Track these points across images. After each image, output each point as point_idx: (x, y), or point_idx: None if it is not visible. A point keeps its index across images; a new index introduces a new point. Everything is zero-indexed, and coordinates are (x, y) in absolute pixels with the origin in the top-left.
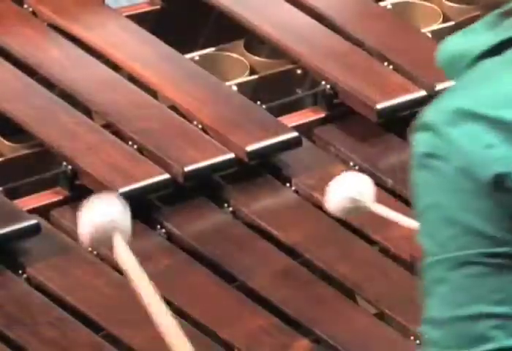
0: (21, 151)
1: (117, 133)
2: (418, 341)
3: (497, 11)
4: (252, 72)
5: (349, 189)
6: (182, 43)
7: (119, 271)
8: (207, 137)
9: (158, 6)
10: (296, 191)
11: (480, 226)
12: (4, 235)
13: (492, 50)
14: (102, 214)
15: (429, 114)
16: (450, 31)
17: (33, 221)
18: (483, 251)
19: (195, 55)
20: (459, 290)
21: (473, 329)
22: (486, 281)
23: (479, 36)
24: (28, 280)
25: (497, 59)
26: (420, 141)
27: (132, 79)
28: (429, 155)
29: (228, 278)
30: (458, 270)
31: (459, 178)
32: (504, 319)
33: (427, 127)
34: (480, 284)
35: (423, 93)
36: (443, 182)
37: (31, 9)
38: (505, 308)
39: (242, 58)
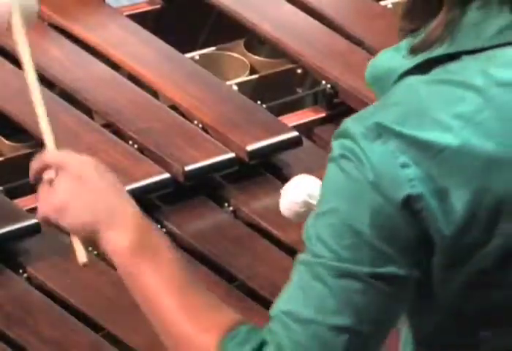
0: (21, 150)
1: (117, 132)
2: None
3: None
4: (253, 72)
5: (300, 193)
6: (182, 42)
7: None
8: (207, 136)
9: (158, 6)
10: None
11: (378, 243)
12: (4, 234)
13: (418, 68)
14: None
15: (350, 125)
16: None
17: (33, 221)
18: (371, 270)
19: (195, 54)
20: (332, 298)
21: (332, 340)
22: (359, 298)
23: (402, 55)
24: (29, 280)
25: (421, 78)
26: (337, 145)
27: (133, 78)
28: (345, 157)
29: (228, 277)
30: (339, 280)
31: (369, 190)
32: (363, 338)
33: (346, 135)
34: (353, 299)
35: None
36: (353, 188)
37: None
38: (368, 328)
39: (242, 58)
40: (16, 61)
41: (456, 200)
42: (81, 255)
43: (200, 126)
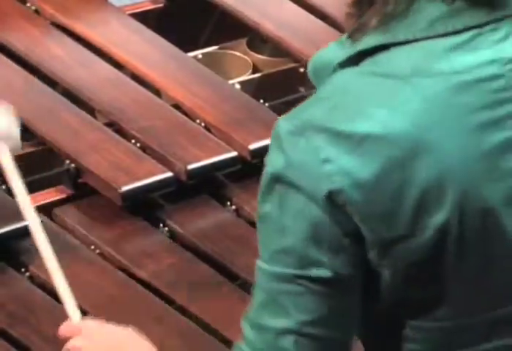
0: (24, 149)
1: (120, 131)
2: None
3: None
4: (255, 71)
5: None
6: (185, 41)
7: (122, 270)
8: (210, 135)
9: (161, 5)
10: None
11: (303, 246)
12: (6, 233)
13: (350, 59)
14: None
15: (280, 124)
16: None
17: None
18: (299, 273)
19: (198, 53)
20: (273, 302)
21: (278, 342)
22: (296, 299)
23: (342, 48)
24: (31, 278)
25: (352, 70)
26: (270, 147)
27: (135, 77)
28: (275, 174)
29: (231, 276)
30: (277, 284)
31: (293, 191)
32: (313, 339)
33: (275, 135)
34: (290, 300)
35: None
36: (279, 192)
37: (34, 8)
38: (315, 329)
39: (245, 57)
40: (19, 60)
41: (379, 192)
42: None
43: (203, 125)
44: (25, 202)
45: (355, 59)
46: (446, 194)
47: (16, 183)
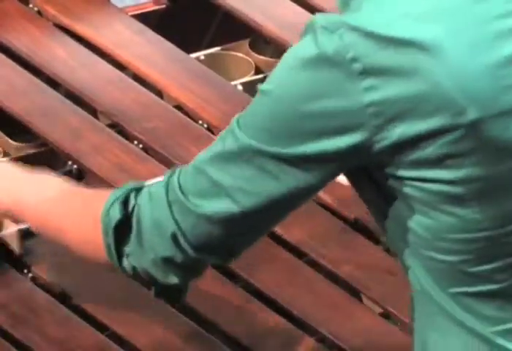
0: (26, 150)
1: (122, 132)
2: None
3: None
4: (258, 72)
5: None
6: (188, 42)
7: None
8: (212, 136)
9: (163, 6)
10: None
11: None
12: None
13: None
14: None
15: (316, 18)
16: None
17: None
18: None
19: (201, 54)
20: (226, 159)
21: (212, 190)
22: (255, 173)
23: None
24: (34, 279)
25: None
26: (301, 42)
27: (137, 78)
28: (304, 59)
29: (233, 277)
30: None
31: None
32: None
33: (309, 29)
34: (250, 172)
35: None
36: (310, 78)
37: (36, 9)
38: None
39: (247, 58)
40: (22, 61)
41: (393, 89)
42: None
43: (205, 126)
44: None
45: None
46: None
47: None
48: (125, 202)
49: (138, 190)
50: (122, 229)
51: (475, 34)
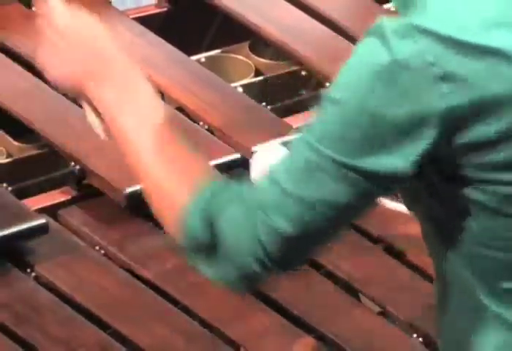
0: (30, 151)
1: None
2: (420, 339)
3: None
4: (257, 74)
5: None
6: (188, 45)
7: (126, 270)
8: (213, 137)
9: (165, 9)
10: None
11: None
12: (12, 234)
13: None
14: None
15: (384, 21)
16: None
17: (41, 221)
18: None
19: (201, 57)
20: (306, 173)
21: (287, 205)
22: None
23: None
24: (37, 279)
25: None
26: (365, 42)
27: None
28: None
29: None
30: (322, 163)
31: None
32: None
33: (376, 31)
34: (326, 182)
35: None
36: (377, 70)
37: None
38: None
39: (247, 60)
40: (25, 63)
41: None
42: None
43: (206, 127)
44: None
45: None
46: None
47: None
48: (203, 212)
49: (217, 198)
50: (207, 250)
51: None
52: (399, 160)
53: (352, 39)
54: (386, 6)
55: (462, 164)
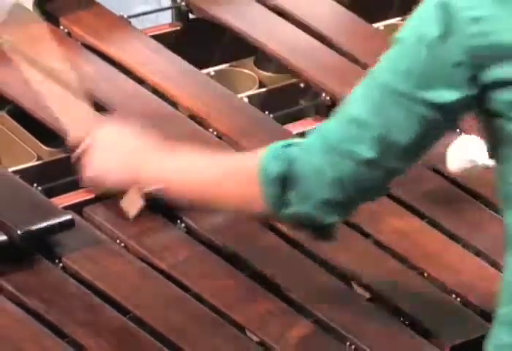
0: (57, 154)
1: None
2: (407, 322)
3: None
4: (261, 86)
5: (467, 152)
6: (199, 60)
7: (143, 261)
8: (221, 142)
9: (178, 28)
10: None
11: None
12: (42, 228)
13: None
14: None
15: None
16: None
17: (68, 217)
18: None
19: (211, 70)
20: (377, 106)
21: (358, 135)
22: (400, 116)
23: None
24: (64, 269)
25: None
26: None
27: (155, 91)
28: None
29: (241, 267)
30: (390, 97)
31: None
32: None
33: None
34: (396, 115)
35: None
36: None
37: (66, 30)
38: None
39: (252, 73)
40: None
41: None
42: (132, 210)
43: (215, 133)
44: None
45: None
46: None
47: None
48: (281, 155)
49: (289, 146)
50: (282, 182)
51: None
52: (456, 92)
53: (346, 55)
54: (375, 25)
55: (496, 99)
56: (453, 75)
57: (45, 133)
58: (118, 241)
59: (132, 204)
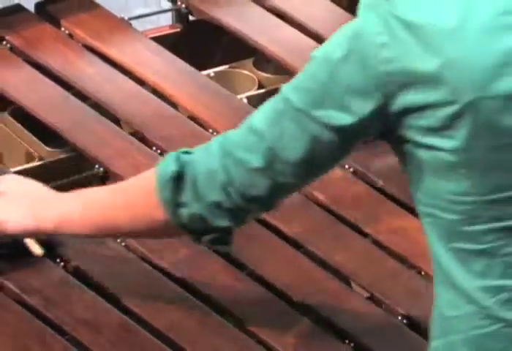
0: (59, 155)
1: (142, 140)
2: (404, 321)
3: None
4: (260, 87)
5: None
6: (199, 61)
7: (144, 260)
8: None
9: (178, 29)
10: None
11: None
12: None
13: None
14: None
15: None
16: None
17: None
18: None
19: (211, 71)
20: (276, 121)
21: (259, 145)
22: (296, 134)
23: None
24: (65, 268)
25: None
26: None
27: (156, 92)
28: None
29: (239, 266)
30: (290, 113)
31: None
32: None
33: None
34: (292, 132)
35: None
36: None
37: (67, 32)
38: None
39: (251, 75)
40: (55, 77)
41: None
42: (35, 249)
43: (215, 134)
44: None
45: None
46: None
47: None
48: (178, 158)
49: (186, 152)
50: (177, 182)
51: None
52: (350, 117)
53: None
54: None
55: (402, 126)
56: (350, 100)
57: (47, 134)
58: (119, 241)
59: (34, 245)
